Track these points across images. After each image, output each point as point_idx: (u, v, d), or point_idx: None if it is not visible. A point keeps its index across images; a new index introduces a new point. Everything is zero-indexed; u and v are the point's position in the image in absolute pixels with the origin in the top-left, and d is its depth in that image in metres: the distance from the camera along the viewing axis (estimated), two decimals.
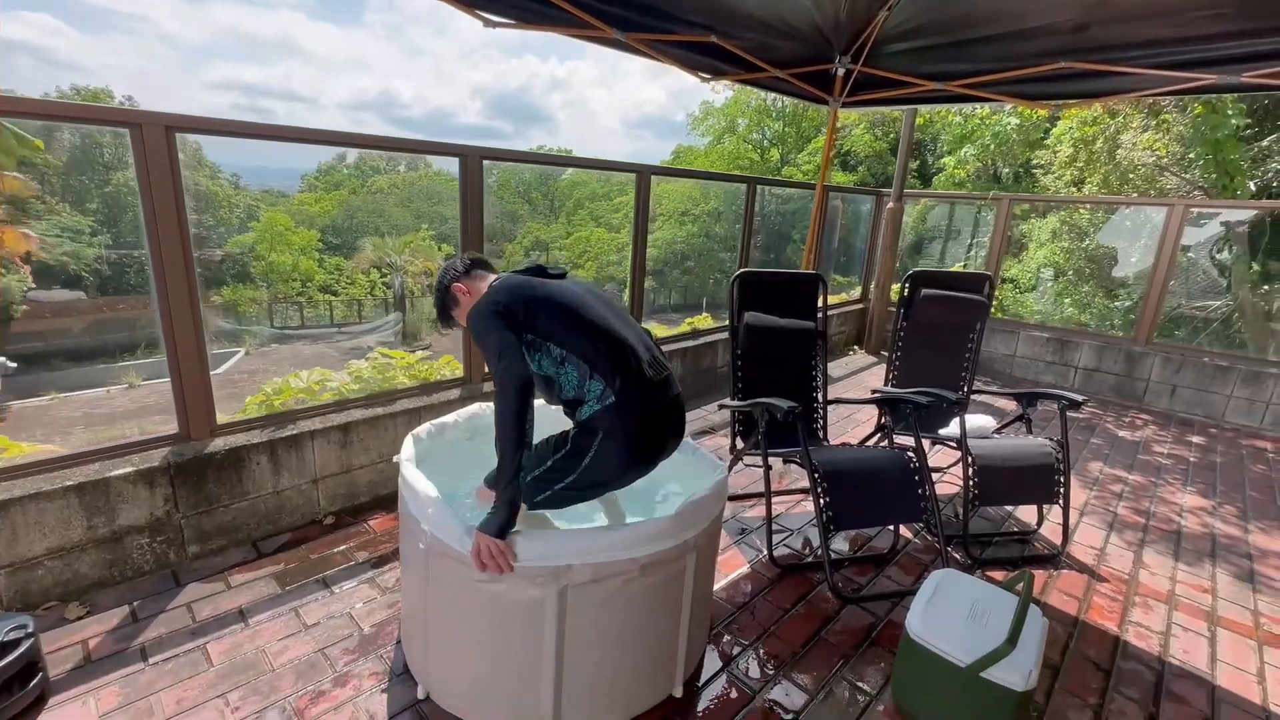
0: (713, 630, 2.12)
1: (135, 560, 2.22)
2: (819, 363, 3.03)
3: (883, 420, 3.03)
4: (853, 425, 4.16)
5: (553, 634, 1.54)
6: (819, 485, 2.33)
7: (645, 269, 4.12)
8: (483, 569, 1.47)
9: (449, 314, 1.82)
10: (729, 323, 2.92)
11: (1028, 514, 3.06)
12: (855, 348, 6.36)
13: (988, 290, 3.17)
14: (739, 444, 2.88)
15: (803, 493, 3.14)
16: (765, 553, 2.57)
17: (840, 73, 3.77)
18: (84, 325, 18.89)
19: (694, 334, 4.67)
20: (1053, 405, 2.84)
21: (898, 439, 2.81)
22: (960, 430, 2.75)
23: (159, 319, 2.20)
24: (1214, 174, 8.32)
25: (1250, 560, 2.83)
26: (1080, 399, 2.74)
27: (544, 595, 1.51)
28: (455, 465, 2.07)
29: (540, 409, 1.63)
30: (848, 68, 3.71)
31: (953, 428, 3.05)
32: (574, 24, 2.70)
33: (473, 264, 1.81)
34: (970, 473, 2.63)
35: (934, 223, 10.08)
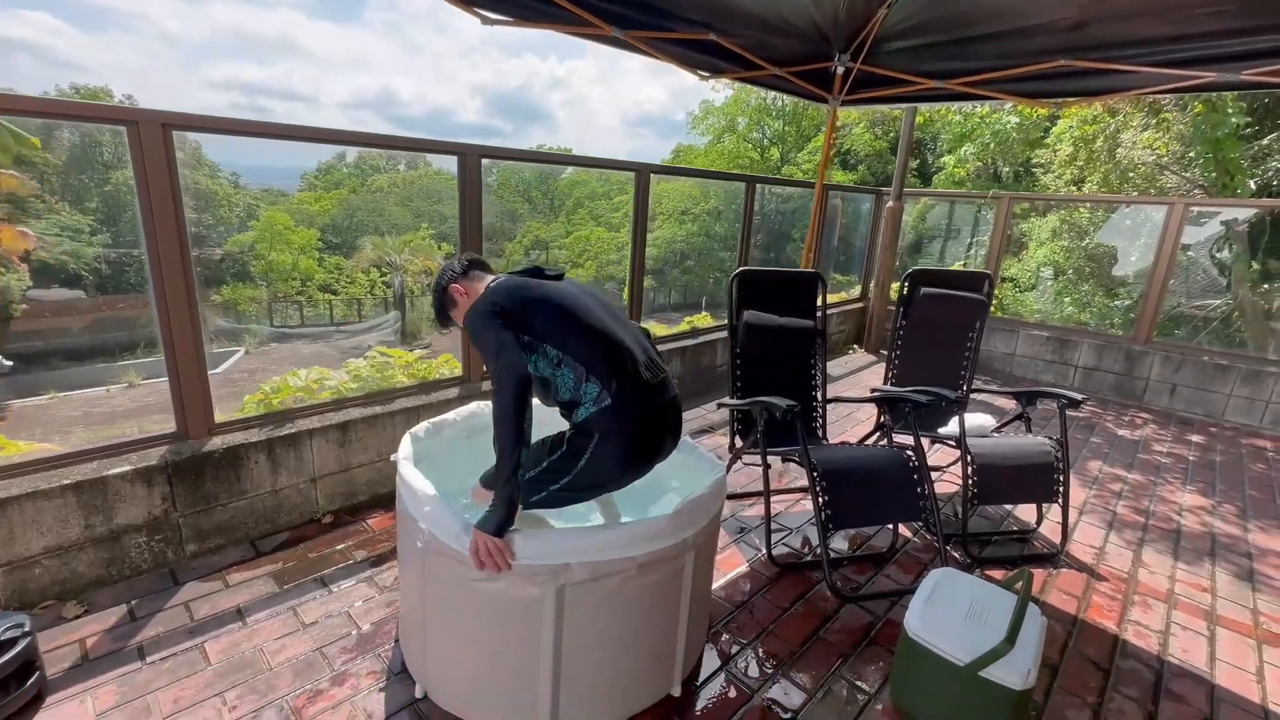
0: (711, 629, 2.12)
1: (133, 559, 2.21)
2: (818, 361, 3.02)
3: (882, 419, 3.03)
4: (852, 424, 4.16)
5: (550, 633, 1.54)
6: (818, 484, 2.33)
7: (644, 268, 4.12)
8: (480, 567, 1.47)
9: (447, 315, 1.82)
10: (728, 321, 2.92)
11: (1027, 513, 3.05)
12: (855, 346, 6.36)
13: (987, 289, 3.17)
14: (738, 443, 2.88)
15: (802, 491, 3.14)
16: (764, 551, 2.57)
17: (839, 71, 3.77)
18: (84, 324, 18.90)
19: (693, 333, 4.67)
20: (1052, 404, 2.83)
21: (897, 438, 2.80)
22: (959, 429, 2.74)
23: (156, 317, 2.20)
24: (1214, 173, 8.32)
25: (1250, 559, 2.83)
26: (1080, 398, 2.74)
27: (542, 594, 1.50)
28: (453, 464, 2.06)
29: (537, 410, 1.63)
30: (847, 65, 3.70)
31: (952, 426, 3.05)
32: (572, 21, 2.70)
33: (470, 265, 1.81)
34: (969, 471, 2.63)
35: (934, 222, 10.08)
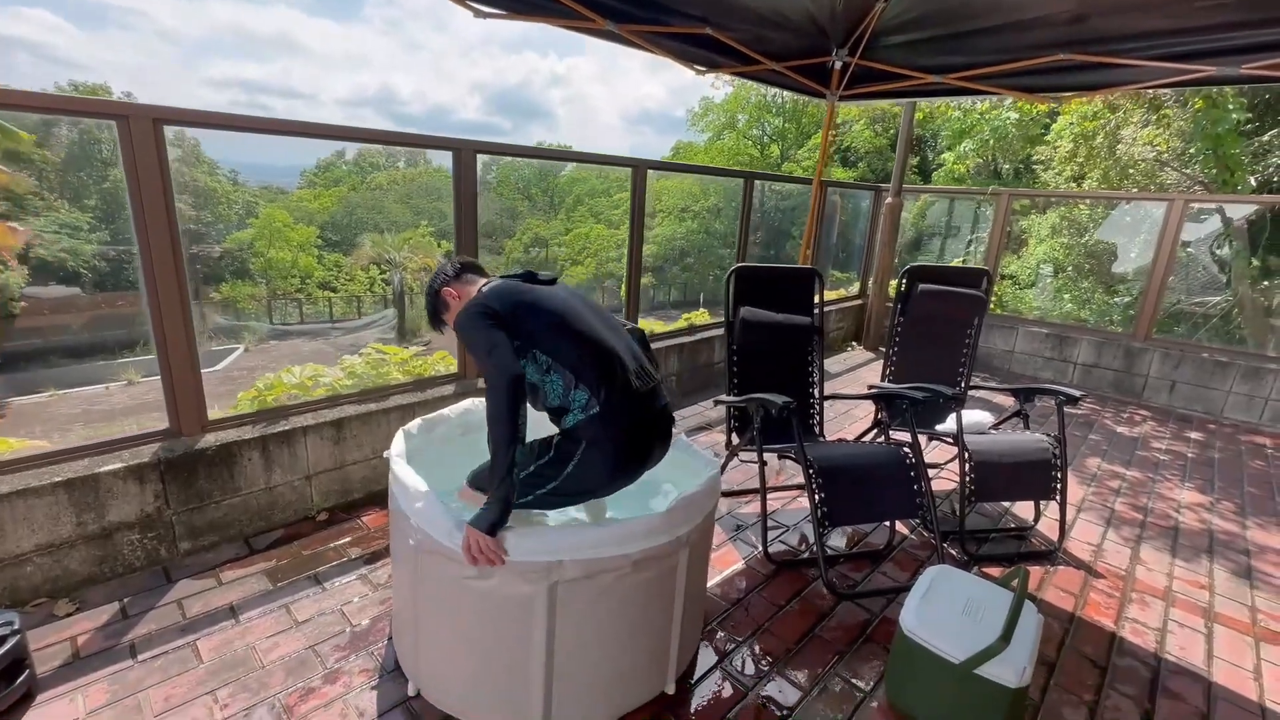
0: (706, 626, 2.11)
1: (126, 556, 2.20)
2: (815, 358, 3.01)
3: (879, 416, 3.01)
4: (850, 421, 4.14)
5: (543, 630, 1.53)
6: (814, 481, 2.31)
7: (642, 265, 4.10)
8: (473, 564, 1.46)
9: (440, 318, 1.80)
10: (725, 318, 2.91)
11: (1024, 510, 3.04)
12: (853, 343, 6.34)
13: (986, 285, 3.15)
14: (734, 440, 2.87)
15: (798, 489, 3.13)
16: (760, 549, 2.56)
17: (837, 65, 3.75)
18: (82, 321, 18.89)
19: (690, 330, 4.65)
20: (1050, 401, 2.82)
21: (894, 435, 2.79)
22: (957, 426, 2.73)
23: (148, 314, 2.18)
24: (1214, 169, 8.31)
25: (1248, 556, 2.82)
26: (1078, 394, 2.73)
27: (534, 591, 1.49)
28: (447, 461, 2.05)
29: (528, 412, 1.61)
30: (845, 60, 3.68)
31: (950, 423, 3.03)
32: (566, 15, 2.68)
33: (463, 268, 1.80)
34: (967, 468, 2.61)
35: (933, 218, 10.07)
